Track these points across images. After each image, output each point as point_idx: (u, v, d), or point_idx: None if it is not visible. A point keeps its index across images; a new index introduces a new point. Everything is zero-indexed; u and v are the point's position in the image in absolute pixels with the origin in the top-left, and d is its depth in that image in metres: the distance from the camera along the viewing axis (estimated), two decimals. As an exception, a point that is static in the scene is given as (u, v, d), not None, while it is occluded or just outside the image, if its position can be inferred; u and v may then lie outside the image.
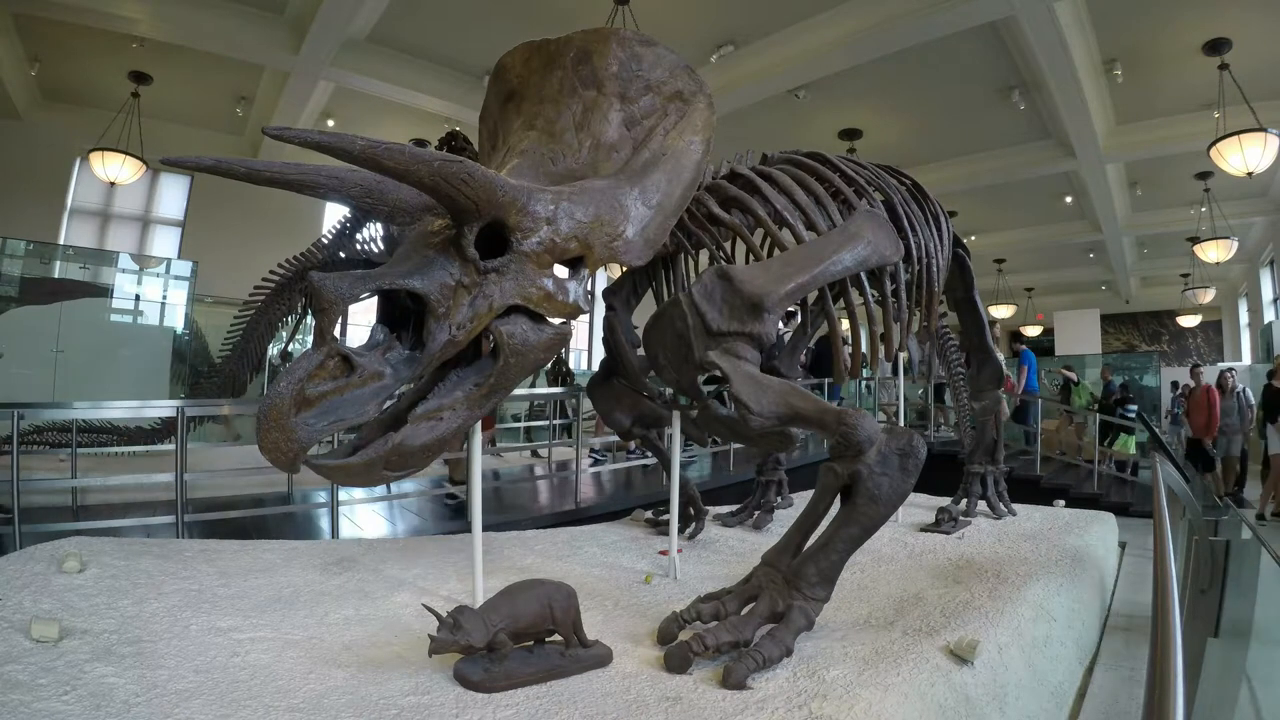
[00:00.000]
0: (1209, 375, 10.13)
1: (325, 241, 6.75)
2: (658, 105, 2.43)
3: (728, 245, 2.97)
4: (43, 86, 9.27)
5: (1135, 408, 10.43)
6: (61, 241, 9.91)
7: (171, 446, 5.18)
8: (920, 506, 4.52)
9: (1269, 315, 14.39)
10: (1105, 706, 2.63)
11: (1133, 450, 9.96)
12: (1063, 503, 5.19)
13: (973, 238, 13.33)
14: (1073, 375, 12.42)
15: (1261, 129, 7.33)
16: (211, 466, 5.72)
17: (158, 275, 9.96)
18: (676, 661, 2.00)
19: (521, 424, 9.82)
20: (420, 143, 3.77)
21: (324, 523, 5.24)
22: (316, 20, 7.39)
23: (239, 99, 9.59)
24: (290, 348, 7.01)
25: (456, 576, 2.90)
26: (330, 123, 9.92)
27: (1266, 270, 14.42)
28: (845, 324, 3.04)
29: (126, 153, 8.59)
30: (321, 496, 5.82)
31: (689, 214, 2.85)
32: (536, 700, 1.83)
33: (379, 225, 6.43)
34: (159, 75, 8.71)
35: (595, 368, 3.53)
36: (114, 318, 9.31)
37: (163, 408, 5.59)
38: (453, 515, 5.53)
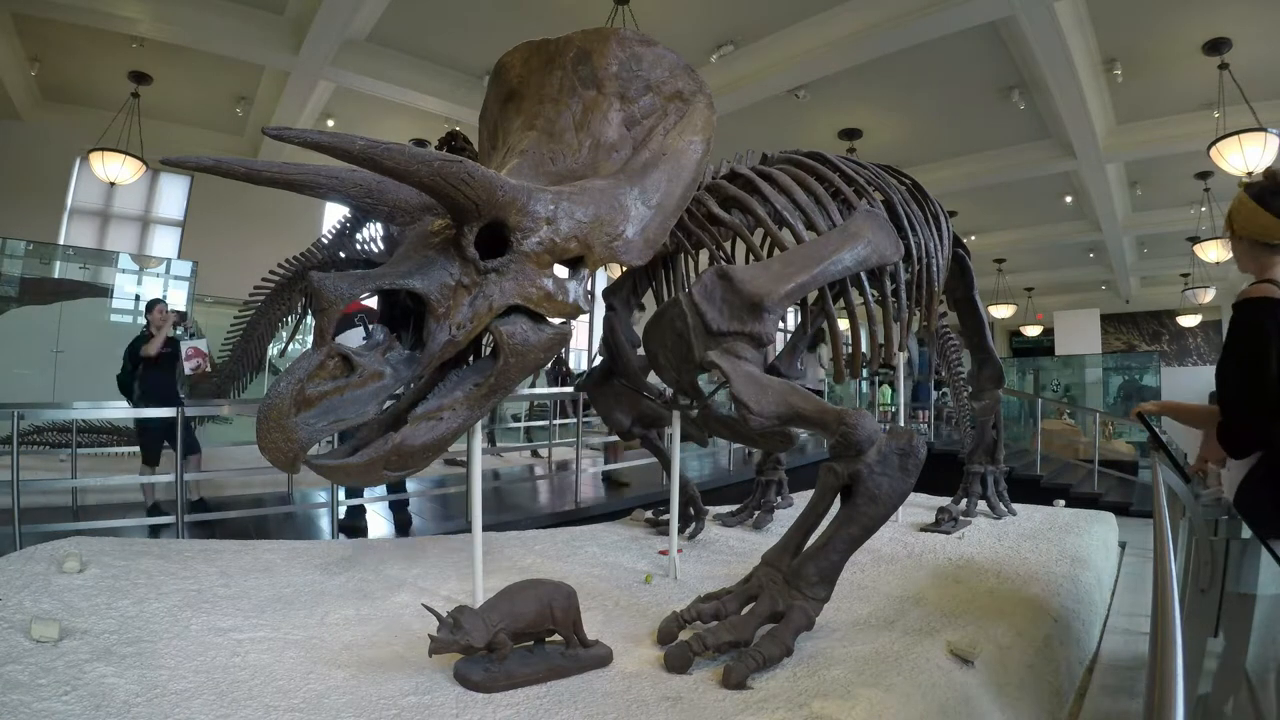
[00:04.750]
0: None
1: (325, 241, 6.73)
2: (658, 105, 2.43)
3: (728, 245, 2.97)
4: (43, 86, 9.25)
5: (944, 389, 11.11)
6: (61, 241, 9.89)
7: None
8: (920, 506, 4.52)
9: (1269, 315, 14.35)
10: (1105, 706, 2.63)
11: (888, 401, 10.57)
12: (1063, 503, 5.20)
13: (973, 238, 13.32)
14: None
15: (1261, 129, 7.31)
16: (211, 466, 5.72)
17: (158, 275, 9.96)
18: (677, 661, 2.00)
19: (521, 424, 9.82)
20: (420, 143, 3.78)
21: (324, 523, 5.24)
22: (316, 20, 7.37)
23: (239, 99, 9.57)
24: (290, 348, 7.00)
25: (456, 576, 2.90)
26: (330, 123, 9.91)
27: (1266, 270, 14.40)
28: (845, 324, 3.04)
29: (126, 153, 8.57)
30: (321, 496, 5.82)
31: (689, 214, 2.85)
32: (536, 700, 1.83)
33: (379, 225, 6.42)
34: (159, 75, 8.69)
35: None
36: (114, 318, 9.31)
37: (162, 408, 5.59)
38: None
